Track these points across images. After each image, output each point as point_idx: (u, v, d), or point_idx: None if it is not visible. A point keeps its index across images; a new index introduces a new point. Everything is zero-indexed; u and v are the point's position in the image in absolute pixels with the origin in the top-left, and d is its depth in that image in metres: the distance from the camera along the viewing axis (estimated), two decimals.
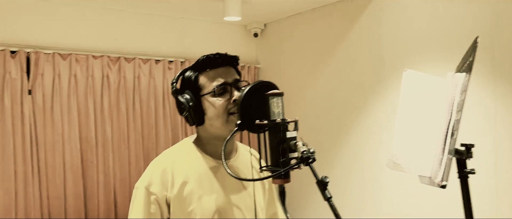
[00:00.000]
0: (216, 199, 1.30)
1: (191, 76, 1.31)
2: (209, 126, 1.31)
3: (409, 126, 1.15)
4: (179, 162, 1.32)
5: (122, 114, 3.27)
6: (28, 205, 2.84)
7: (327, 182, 1.04)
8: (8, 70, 2.81)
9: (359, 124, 3.11)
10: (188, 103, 1.28)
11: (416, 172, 1.17)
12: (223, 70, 1.32)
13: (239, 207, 1.34)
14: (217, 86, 1.28)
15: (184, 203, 1.27)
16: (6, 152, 2.78)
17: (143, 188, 1.27)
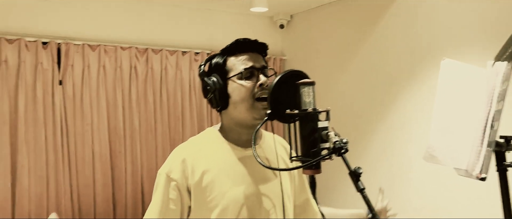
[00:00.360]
0: (239, 188, 1.28)
1: (219, 59, 1.32)
2: (233, 110, 1.30)
3: (446, 117, 1.11)
4: (200, 150, 1.32)
5: (149, 105, 3.30)
6: (59, 193, 2.91)
7: (360, 173, 1.02)
8: (40, 61, 2.87)
9: (387, 118, 3.05)
10: (214, 85, 1.28)
11: (452, 164, 1.13)
12: (252, 55, 1.32)
13: (265, 196, 1.32)
14: (245, 69, 1.28)
15: (204, 191, 1.26)
16: (38, 141, 2.85)
17: (164, 174, 1.28)
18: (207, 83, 1.30)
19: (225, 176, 1.29)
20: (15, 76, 2.82)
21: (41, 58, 2.88)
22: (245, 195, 1.28)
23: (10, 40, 2.81)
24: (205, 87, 1.31)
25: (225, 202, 1.26)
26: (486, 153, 0.98)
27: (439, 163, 1.12)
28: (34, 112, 2.86)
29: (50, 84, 2.92)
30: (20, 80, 2.80)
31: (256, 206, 1.30)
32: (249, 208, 1.29)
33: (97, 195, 3.07)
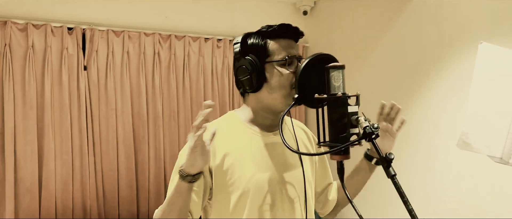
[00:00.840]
0: (261, 173, 1.27)
1: (259, 40, 1.28)
2: (267, 95, 1.27)
3: (482, 104, 1.07)
4: (222, 133, 1.29)
5: (172, 91, 3.31)
6: (84, 177, 2.96)
7: (391, 159, 0.99)
8: (65, 46, 2.90)
9: (412, 107, 2.98)
10: (252, 66, 1.24)
11: (486, 152, 1.09)
12: (291, 42, 1.29)
13: (288, 182, 1.31)
14: (289, 56, 1.25)
15: (225, 174, 1.26)
16: (64, 125, 2.89)
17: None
18: (244, 63, 1.26)
19: (246, 160, 1.28)
20: (42, 61, 2.85)
21: (66, 43, 2.91)
22: (268, 180, 1.27)
23: (37, 26, 2.84)
24: (241, 67, 1.27)
25: (246, 186, 1.25)
26: None
27: (473, 150, 1.08)
28: (59, 97, 2.90)
29: (75, 69, 2.95)
30: (46, 65, 2.84)
31: (278, 192, 1.29)
32: (272, 194, 1.27)
33: (121, 179, 3.11)
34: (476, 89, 1.07)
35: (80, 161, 2.96)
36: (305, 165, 1.36)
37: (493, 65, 1.07)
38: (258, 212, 1.26)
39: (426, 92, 2.88)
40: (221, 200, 1.28)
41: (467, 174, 2.65)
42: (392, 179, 0.98)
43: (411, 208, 0.94)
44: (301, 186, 1.33)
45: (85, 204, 2.97)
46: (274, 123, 1.34)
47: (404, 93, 3.05)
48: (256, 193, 1.26)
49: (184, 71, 3.37)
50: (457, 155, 2.69)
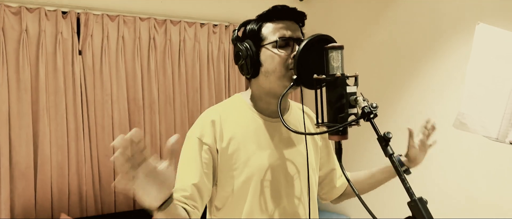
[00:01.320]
0: (265, 156, 1.28)
1: (254, 25, 1.28)
2: (264, 79, 1.27)
3: (479, 84, 1.08)
4: (229, 116, 1.30)
5: (168, 77, 3.30)
6: (80, 162, 2.96)
7: (389, 138, 1.00)
8: (60, 30, 2.87)
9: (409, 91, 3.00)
10: (246, 51, 1.24)
11: (482, 133, 1.11)
12: (289, 24, 1.27)
13: (290, 165, 1.32)
14: (280, 38, 1.24)
15: (230, 158, 1.26)
16: (59, 110, 2.88)
17: (196, 138, 1.26)
18: (239, 48, 1.26)
19: (250, 144, 1.28)
20: (36, 45, 2.83)
21: (60, 27, 2.88)
22: (272, 166, 1.28)
23: (30, 9, 2.81)
24: (237, 53, 1.28)
25: (250, 170, 1.26)
26: None
27: (469, 130, 1.10)
28: (54, 81, 2.88)
29: (70, 53, 2.93)
30: (40, 49, 2.81)
31: (282, 176, 1.29)
32: (275, 178, 1.28)
33: None
34: (473, 70, 1.08)
35: (76, 146, 2.95)
36: (309, 151, 1.36)
37: (490, 46, 1.08)
38: (261, 194, 1.27)
39: (422, 77, 2.90)
40: (224, 183, 1.28)
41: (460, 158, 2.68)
42: (390, 158, 0.99)
43: (409, 187, 0.95)
44: (304, 170, 1.34)
45: (81, 189, 2.98)
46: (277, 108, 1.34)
47: (401, 76, 3.07)
48: (259, 176, 1.26)
49: (179, 56, 3.36)
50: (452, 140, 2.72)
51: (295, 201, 1.32)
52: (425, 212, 0.92)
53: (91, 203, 3.00)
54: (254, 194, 1.26)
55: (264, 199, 1.27)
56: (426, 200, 0.95)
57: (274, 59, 1.24)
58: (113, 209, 3.10)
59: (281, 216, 1.29)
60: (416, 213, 0.93)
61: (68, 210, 2.93)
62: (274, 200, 1.28)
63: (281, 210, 1.28)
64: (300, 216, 1.33)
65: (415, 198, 0.93)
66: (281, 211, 1.28)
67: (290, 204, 1.31)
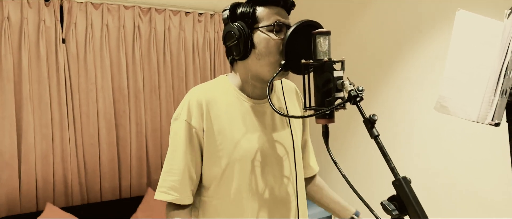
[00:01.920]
0: (251, 137, 1.30)
1: (247, 7, 1.28)
2: (255, 62, 1.28)
3: (459, 69, 1.12)
4: (214, 97, 1.31)
5: (153, 66, 3.29)
6: (65, 151, 2.94)
7: (375, 120, 1.03)
8: (42, 18, 2.84)
9: (391, 79, 3.06)
10: (240, 32, 1.25)
11: (462, 116, 1.15)
12: (280, 10, 1.29)
13: (276, 145, 1.35)
14: (277, 22, 1.25)
15: (217, 138, 1.28)
16: (43, 99, 2.86)
17: (184, 121, 1.28)
18: (232, 28, 1.27)
19: (236, 125, 1.30)
20: (18, 33, 2.79)
21: (43, 15, 2.85)
22: (258, 144, 1.30)
23: None
24: (229, 33, 1.28)
25: (237, 151, 1.28)
26: (500, 101, 1.00)
27: (450, 113, 1.14)
28: (37, 70, 2.85)
29: (53, 42, 2.90)
30: (23, 37, 2.78)
31: (267, 154, 1.32)
32: (261, 158, 1.31)
33: (102, 154, 3.10)
34: (453, 55, 1.12)
35: (60, 135, 2.94)
36: (294, 131, 1.40)
37: (470, 32, 1.12)
38: (249, 174, 1.29)
39: (404, 65, 2.96)
40: (211, 164, 1.30)
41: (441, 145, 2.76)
42: (375, 139, 1.02)
43: (393, 166, 0.99)
44: (290, 149, 1.37)
45: (66, 178, 2.97)
46: (263, 92, 1.36)
47: (383, 65, 3.12)
48: (246, 157, 1.29)
49: (164, 45, 3.35)
50: (433, 126, 2.79)
51: (284, 181, 1.35)
52: (408, 190, 0.96)
53: (76, 192, 3.00)
54: (242, 175, 1.28)
55: (253, 179, 1.30)
56: (409, 179, 0.99)
57: (269, 42, 1.25)
58: (99, 198, 3.10)
59: (271, 196, 1.32)
60: (400, 191, 0.97)
61: (54, 199, 2.92)
62: (263, 180, 1.31)
63: (270, 189, 1.32)
64: (290, 195, 1.36)
65: (399, 177, 0.97)
66: (270, 191, 1.32)
67: (280, 184, 1.34)
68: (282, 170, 1.35)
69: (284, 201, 1.35)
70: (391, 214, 0.98)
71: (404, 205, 0.96)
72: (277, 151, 1.34)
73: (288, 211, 1.37)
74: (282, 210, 1.35)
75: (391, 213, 0.98)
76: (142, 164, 3.26)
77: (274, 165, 1.33)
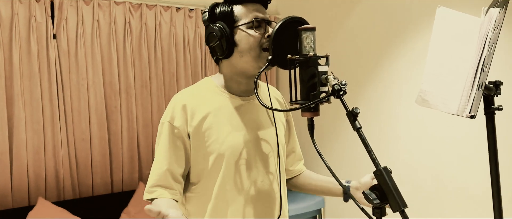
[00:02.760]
0: (238, 134, 1.34)
1: (225, 7, 1.32)
2: (238, 59, 1.32)
3: (439, 64, 1.17)
4: (200, 98, 1.36)
5: (144, 61, 3.31)
6: (56, 146, 2.96)
7: (357, 113, 1.07)
8: (33, 14, 2.84)
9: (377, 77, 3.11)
10: (221, 32, 1.29)
11: (442, 109, 1.20)
12: (259, 6, 1.34)
13: (261, 140, 1.39)
14: (256, 18, 1.30)
15: (203, 137, 1.32)
16: (34, 94, 2.87)
17: (167, 122, 1.33)
18: (213, 29, 1.31)
19: (223, 123, 1.34)
20: (9, 29, 2.79)
21: (34, 11, 2.85)
22: (243, 141, 1.35)
23: None
24: (210, 34, 1.32)
25: (223, 147, 1.32)
26: (476, 95, 1.04)
27: (431, 107, 1.18)
28: (29, 65, 2.86)
29: (44, 38, 2.91)
30: (14, 33, 2.78)
31: (253, 151, 1.36)
32: (247, 153, 1.35)
33: (94, 149, 3.12)
34: (434, 50, 1.17)
35: (52, 130, 2.95)
36: (279, 129, 1.44)
37: (450, 28, 1.16)
38: (234, 170, 1.33)
39: (392, 61, 3.01)
40: (198, 161, 1.35)
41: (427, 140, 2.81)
42: (358, 131, 1.06)
43: (375, 158, 1.03)
44: (275, 146, 1.41)
45: (58, 174, 2.98)
46: (248, 88, 1.40)
47: (370, 62, 3.17)
48: (232, 153, 1.33)
49: (155, 41, 3.37)
50: (419, 122, 2.85)
51: (270, 177, 1.40)
52: (389, 179, 1.00)
53: (68, 187, 3.02)
54: (227, 171, 1.32)
55: (239, 175, 1.34)
56: (390, 169, 1.03)
57: (249, 39, 1.29)
58: (91, 193, 3.12)
59: (256, 192, 1.36)
60: (381, 181, 1.01)
61: (45, 194, 2.93)
62: (248, 176, 1.35)
63: (255, 185, 1.35)
64: (275, 192, 1.40)
65: (380, 168, 1.01)
66: (255, 187, 1.36)
67: (265, 180, 1.38)
68: (268, 167, 1.39)
69: (269, 197, 1.39)
70: (372, 203, 1.02)
71: (385, 194, 1.01)
72: (262, 148, 1.38)
73: (273, 207, 1.41)
74: (267, 206, 1.39)
75: (372, 202, 1.02)
76: (134, 159, 3.29)
77: (259, 162, 1.37)
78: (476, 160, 2.53)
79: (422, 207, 2.85)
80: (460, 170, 2.64)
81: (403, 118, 2.95)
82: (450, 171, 2.70)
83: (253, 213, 1.36)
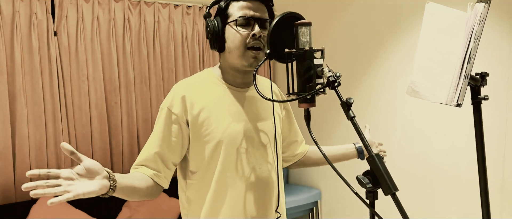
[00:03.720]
0: (235, 124, 1.39)
1: (222, 3, 1.38)
2: (228, 55, 1.38)
3: (429, 56, 1.23)
4: (200, 88, 1.41)
5: (143, 58, 3.36)
6: (58, 142, 3.01)
7: (351, 103, 1.13)
8: (34, 11, 2.89)
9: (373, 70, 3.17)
10: (213, 27, 1.36)
11: (432, 99, 1.26)
12: (254, 4, 1.37)
13: (259, 130, 1.44)
14: (240, 16, 1.34)
15: (201, 126, 1.37)
16: (36, 90, 2.91)
17: (166, 108, 1.38)
18: (207, 24, 1.37)
19: (221, 113, 1.39)
20: (10, 26, 2.84)
21: (35, 8, 2.90)
22: (241, 131, 1.40)
23: None
24: (206, 28, 1.39)
25: (222, 136, 1.37)
26: (463, 84, 1.11)
27: (421, 97, 1.25)
28: (30, 62, 2.90)
29: (45, 35, 2.95)
30: (15, 30, 2.83)
31: (251, 141, 1.41)
32: (245, 142, 1.40)
33: (95, 144, 3.17)
34: (423, 44, 1.23)
35: (53, 126, 3.00)
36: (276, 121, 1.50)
37: (438, 22, 1.23)
38: (233, 158, 1.39)
39: (387, 55, 3.08)
40: (198, 150, 1.40)
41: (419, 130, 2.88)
42: (352, 120, 1.12)
43: (367, 145, 1.09)
44: (272, 137, 1.47)
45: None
46: (244, 80, 1.46)
47: (365, 56, 3.23)
48: (231, 141, 1.38)
49: (154, 37, 3.42)
50: (413, 114, 2.92)
51: (268, 166, 1.46)
52: (381, 165, 1.06)
53: None
54: (226, 158, 1.38)
55: (239, 163, 1.39)
56: (382, 156, 1.09)
57: (235, 36, 1.35)
58: None
59: (255, 180, 1.41)
60: (373, 166, 1.08)
61: None
62: (248, 164, 1.40)
63: (254, 173, 1.41)
64: (273, 181, 1.47)
65: (372, 154, 1.07)
66: (254, 175, 1.41)
67: (263, 169, 1.44)
68: (266, 156, 1.44)
69: (268, 186, 1.45)
70: (365, 187, 1.09)
71: (377, 179, 1.07)
72: (261, 138, 1.44)
73: (271, 196, 1.47)
74: (266, 194, 1.44)
75: (365, 186, 1.08)
76: (134, 153, 3.34)
77: (257, 151, 1.42)
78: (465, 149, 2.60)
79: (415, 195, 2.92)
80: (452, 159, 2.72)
81: (397, 112, 3.02)
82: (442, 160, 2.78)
83: (253, 200, 1.41)
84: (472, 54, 1.12)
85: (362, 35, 3.27)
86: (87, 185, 1.06)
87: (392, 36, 3.03)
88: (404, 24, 2.93)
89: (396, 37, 3.00)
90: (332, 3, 3.50)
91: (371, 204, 1.10)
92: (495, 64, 2.43)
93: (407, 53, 2.92)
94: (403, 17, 2.93)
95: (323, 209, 3.67)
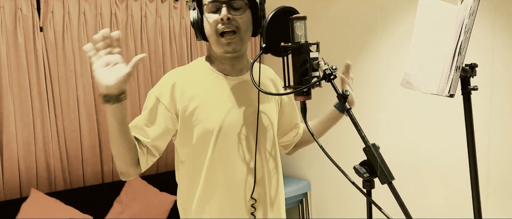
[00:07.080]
0: (226, 113, 1.40)
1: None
2: (210, 44, 1.41)
3: (422, 49, 1.26)
4: (190, 77, 1.42)
5: (130, 52, 3.35)
6: (46, 138, 2.98)
7: (347, 95, 1.16)
8: (19, 6, 2.84)
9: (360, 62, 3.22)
10: (193, 18, 1.37)
11: (424, 90, 1.30)
12: None
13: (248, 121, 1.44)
14: (208, 2, 1.34)
15: (192, 115, 1.38)
16: (23, 87, 2.88)
17: (154, 96, 1.38)
18: (190, 15, 1.38)
19: (211, 102, 1.40)
20: None
21: (20, 3, 2.85)
22: (235, 118, 1.41)
23: None
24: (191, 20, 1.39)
25: (213, 125, 1.38)
26: (454, 76, 1.14)
27: (414, 89, 1.28)
28: (16, 58, 2.86)
29: (31, 30, 2.91)
30: (0, 26, 2.78)
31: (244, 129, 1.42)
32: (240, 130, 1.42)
33: (84, 140, 3.15)
34: (417, 37, 1.26)
35: (41, 123, 2.97)
36: (269, 107, 1.51)
37: (431, 16, 1.26)
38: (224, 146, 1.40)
39: (374, 47, 3.12)
40: (187, 138, 1.40)
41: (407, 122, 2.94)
42: (348, 112, 1.15)
43: (364, 135, 1.12)
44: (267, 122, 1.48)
45: (49, 165, 3.01)
46: (234, 68, 1.46)
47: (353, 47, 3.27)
48: (222, 130, 1.39)
49: (141, 32, 3.40)
50: (401, 106, 2.97)
51: (262, 154, 1.47)
52: (377, 154, 1.09)
53: (59, 178, 3.05)
54: (216, 146, 1.39)
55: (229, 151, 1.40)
56: (378, 146, 1.13)
57: (207, 24, 1.36)
58: (82, 183, 3.16)
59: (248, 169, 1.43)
60: (370, 156, 1.11)
61: (37, 185, 2.96)
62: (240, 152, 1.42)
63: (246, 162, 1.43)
64: (270, 168, 1.49)
65: (369, 144, 1.11)
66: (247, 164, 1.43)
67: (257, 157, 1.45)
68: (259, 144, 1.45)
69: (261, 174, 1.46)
70: (362, 177, 1.12)
71: (374, 168, 1.10)
72: (252, 126, 1.44)
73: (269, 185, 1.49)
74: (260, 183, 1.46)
75: (362, 176, 1.12)
76: None
77: (251, 139, 1.44)
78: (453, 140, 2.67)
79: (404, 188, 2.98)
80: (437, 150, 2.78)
81: (384, 103, 3.08)
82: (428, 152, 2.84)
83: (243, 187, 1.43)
84: (463, 47, 1.15)
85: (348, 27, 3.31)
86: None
87: (378, 28, 3.08)
88: (390, 16, 2.97)
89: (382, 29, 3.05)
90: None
91: (368, 193, 1.13)
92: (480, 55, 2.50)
93: (394, 44, 2.97)
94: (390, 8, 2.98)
95: (312, 200, 3.72)
